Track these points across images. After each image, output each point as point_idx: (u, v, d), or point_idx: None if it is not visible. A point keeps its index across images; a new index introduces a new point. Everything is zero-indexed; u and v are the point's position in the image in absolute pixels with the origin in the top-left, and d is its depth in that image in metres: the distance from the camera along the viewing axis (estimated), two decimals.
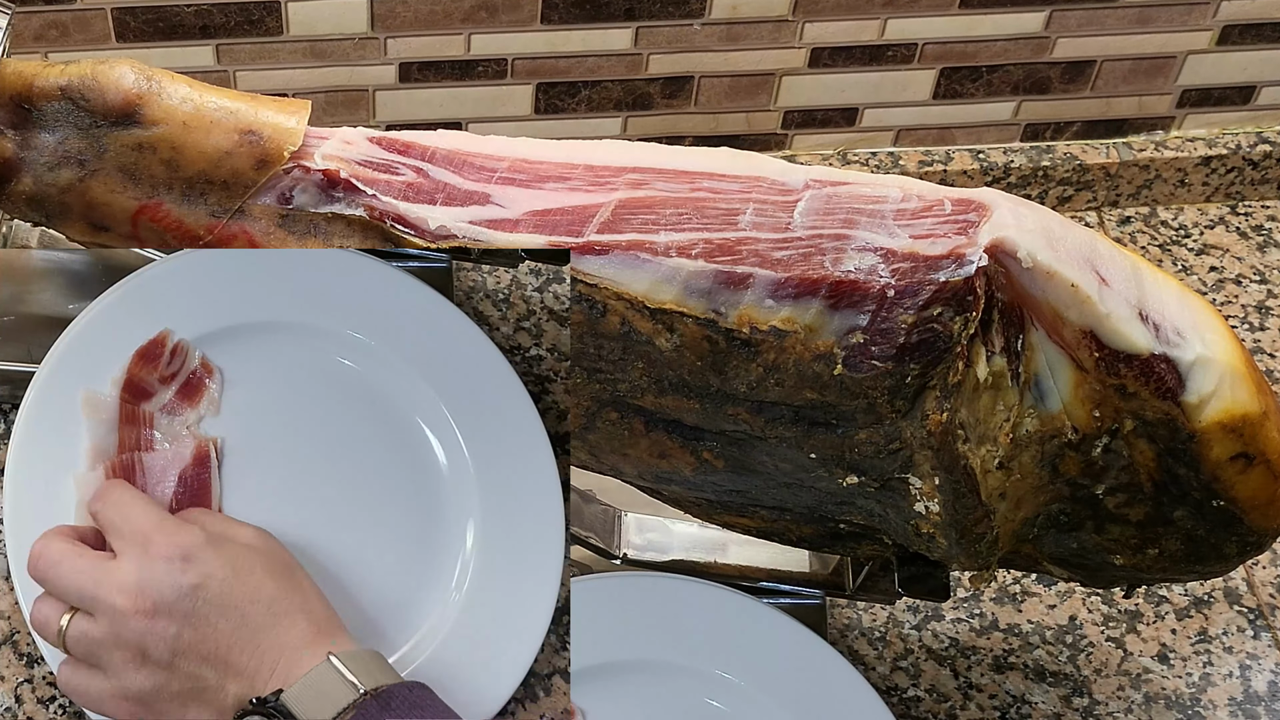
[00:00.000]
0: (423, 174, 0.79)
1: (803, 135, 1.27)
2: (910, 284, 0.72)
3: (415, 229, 0.78)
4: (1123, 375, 0.75)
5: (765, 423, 0.77)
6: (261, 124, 0.80)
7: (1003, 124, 1.28)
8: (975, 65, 1.23)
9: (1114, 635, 1.05)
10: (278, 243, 0.81)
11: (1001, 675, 1.03)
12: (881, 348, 0.72)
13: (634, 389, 0.78)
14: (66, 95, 0.79)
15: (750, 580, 0.98)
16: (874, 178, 0.78)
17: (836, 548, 0.88)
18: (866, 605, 1.05)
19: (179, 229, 0.82)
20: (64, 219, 0.83)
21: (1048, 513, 0.81)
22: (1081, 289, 0.73)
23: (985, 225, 0.73)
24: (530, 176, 0.79)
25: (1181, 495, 0.79)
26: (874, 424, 0.75)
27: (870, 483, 0.78)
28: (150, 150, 0.80)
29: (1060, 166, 1.28)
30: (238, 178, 0.80)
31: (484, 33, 1.16)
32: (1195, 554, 0.83)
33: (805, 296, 0.73)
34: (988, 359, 0.74)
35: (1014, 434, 0.77)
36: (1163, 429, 0.77)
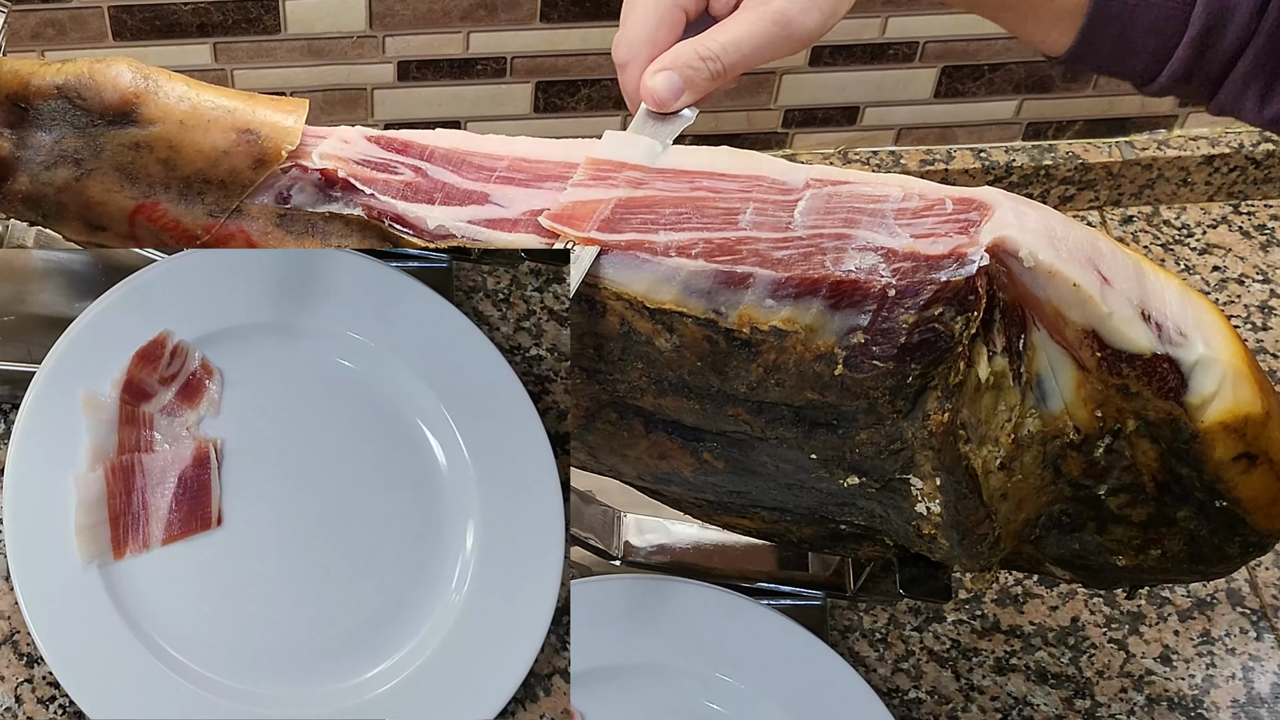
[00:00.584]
0: (421, 173, 0.79)
1: (803, 134, 1.27)
2: (911, 283, 0.72)
3: (414, 228, 0.78)
4: (1125, 375, 0.75)
5: (765, 423, 0.77)
6: (259, 123, 0.80)
7: (1004, 123, 1.28)
8: (977, 64, 1.23)
9: (1116, 637, 1.05)
10: (275, 242, 0.81)
11: (1003, 677, 1.03)
12: (883, 348, 0.72)
13: (633, 389, 0.78)
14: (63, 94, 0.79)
15: (750, 582, 0.98)
16: (875, 177, 0.77)
17: (837, 549, 0.88)
18: (867, 607, 1.05)
19: (176, 228, 0.82)
20: (60, 218, 0.83)
21: (1050, 513, 0.81)
22: (1084, 288, 0.73)
23: (987, 224, 0.73)
24: (529, 176, 0.79)
25: (1184, 496, 0.79)
26: (875, 424, 0.75)
27: (871, 484, 0.78)
28: (147, 149, 0.80)
29: (1062, 165, 1.28)
30: (235, 177, 0.80)
31: (483, 31, 1.16)
32: (1198, 555, 0.83)
33: (806, 296, 0.73)
34: (989, 359, 0.74)
35: (1016, 434, 0.76)
36: (1165, 429, 0.77)
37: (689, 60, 0.78)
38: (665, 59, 0.78)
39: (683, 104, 0.78)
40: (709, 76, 0.78)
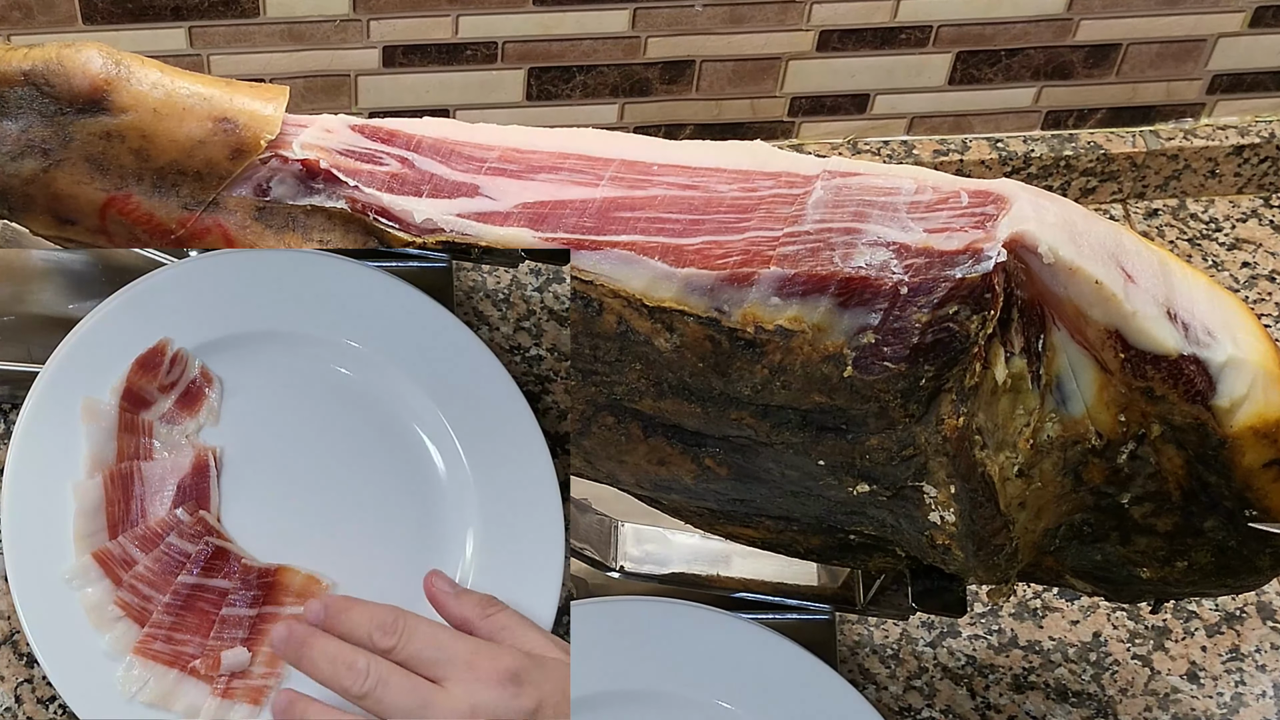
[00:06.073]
0: (408, 164, 0.79)
1: (811, 123, 1.27)
2: (924, 281, 0.72)
3: (400, 222, 0.78)
4: (1150, 377, 0.75)
5: (771, 428, 0.77)
6: (237, 111, 0.80)
7: (1023, 111, 1.28)
8: (994, 49, 1.23)
9: (1140, 653, 1.05)
10: (254, 236, 0.81)
11: (1021, 695, 1.03)
12: (894, 348, 0.72)
13: (631, 392, 0.78)
14: (30, 81, 0.79)
15: (755, 595, 0.98)
16: (886, 168, 0.78)
17: (846, 560, 0.88)
18: (878, 621, 1.05)
19: (149, 222, 0.82)
20: (27, 212, 0.83)
21: (1070, 523, 0.81)
22: (1106, 286, 0.73)
23: (1004, 219, 0.73)
24: (522, 167, 0.79)
25: (1212, 504, 0.79)
26: (886, 429, 0.75)
27: (882, 491, 0.78)
28: (119, 139, 0.80)
29: (1083, 156, 1.28)
30: (212, 168, 0.80)
31: (473, 14, 1.16)
32: (1226, 566, 0.83)
33: (813, 294, 0.73)
34: (1006, 360, 0.74)
35: (1034, 439, 0.77)
36: (1192, 434, 0.77)
37: None
38: None
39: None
40: None
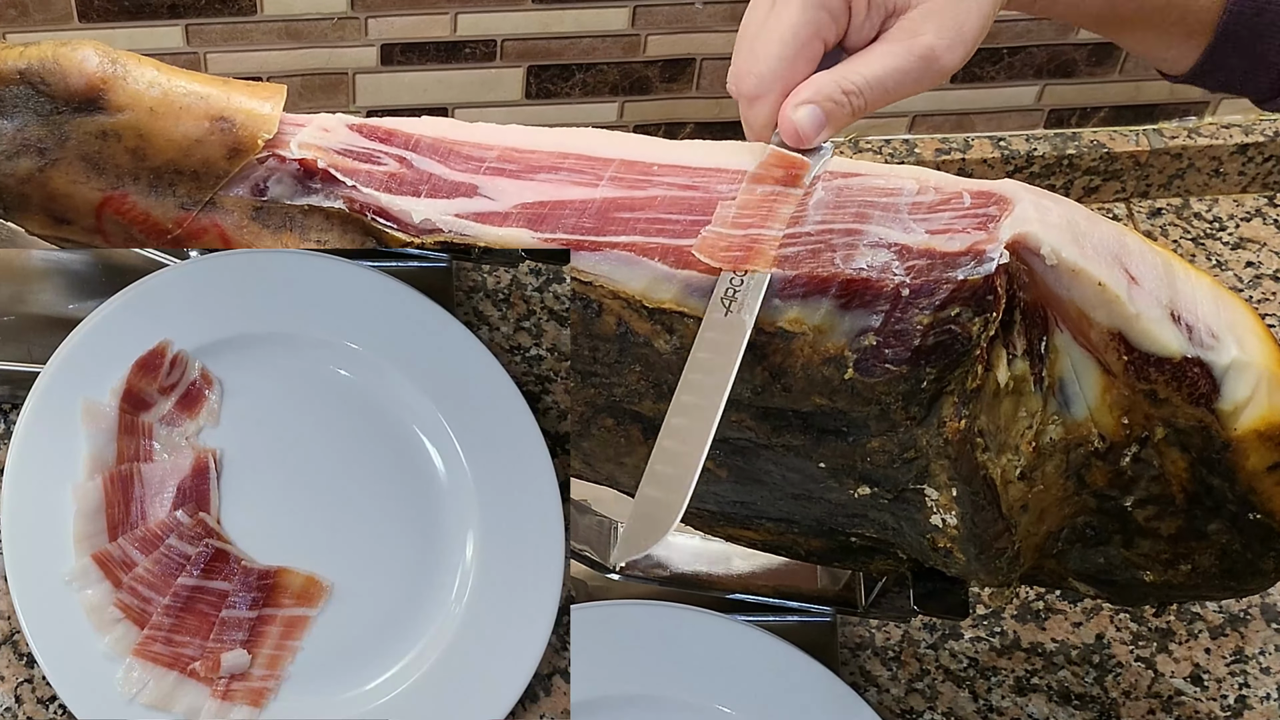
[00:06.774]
0: (406, 164, 0.79)
1: None
2: (926, 282, 0.72)
3: (398, 222, 0.78)
4: (1153, 380, 0.75)
5: (771, 430, 0.77)
6: (234, 110, 0.80)
7: (1025, 109, 1.28)
8: (996, 47, 1.23)
9: (1144, 655, 1.05)
10: (251, 236, 0.81)
11: (1024, 698, 1.03)
12: (895, 350, 0.72)
13: (631, 394, 0.78)
14: (25, 79, 0.79)
15: (755, 597, 0.98)
16: (888, 168, 0.78)
17: (848, 562, 0.88)
18: (880, 623, 1.05)
19: (146, 222, 0.82)
20: (23, 211, 0.83)
21: (1073, 526, 0.81)
22: (1109, 288, 0.73)
23: (1006, 219, 0.73)
24: (521, 166, 0.79)
25: (1216, 507, 0.79)
26: (887, 432, 0.75)
27: (884, 494, 0.78)
28: (115, 138, 0.80)
29: (1086, 155, 1.28)
30: (209, 167, 0.80)
31: (471, 12, 1.16)
32: (1230, 569, 0.83)
33: (814, 296, 0.73)
34: (1009, 362, 0.74)
35: (1037, 442, 0.77)
36: (1196, 437, 0.77)
37: (831, 94, 0.76)
38: (806, 92, 0.76)
39: (823, 139, 0.77)
40: (850, 112, 0.76)
